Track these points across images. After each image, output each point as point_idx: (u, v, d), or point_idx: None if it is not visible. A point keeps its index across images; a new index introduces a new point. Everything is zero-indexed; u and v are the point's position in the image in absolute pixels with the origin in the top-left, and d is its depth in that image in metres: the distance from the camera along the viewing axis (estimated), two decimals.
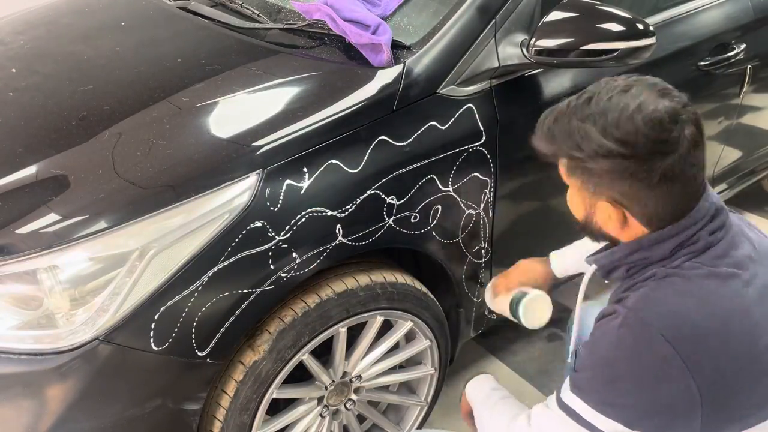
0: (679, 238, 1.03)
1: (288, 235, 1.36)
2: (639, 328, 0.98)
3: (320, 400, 1.64)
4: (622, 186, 1.01)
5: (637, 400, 0.99)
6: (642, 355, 0.98)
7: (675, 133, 0.97)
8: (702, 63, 2.05)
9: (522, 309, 1.52)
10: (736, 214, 1.14)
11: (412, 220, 1.55)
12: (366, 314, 1.57)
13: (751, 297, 1.01)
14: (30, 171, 1.40)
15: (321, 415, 1.66)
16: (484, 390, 1.37)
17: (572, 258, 1.56)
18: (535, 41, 1.54)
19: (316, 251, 1.41)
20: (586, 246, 1.43)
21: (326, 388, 1.62)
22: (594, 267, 1.18)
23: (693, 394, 0.96)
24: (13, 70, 1.81)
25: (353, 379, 1.66)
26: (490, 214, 1.70)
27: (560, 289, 2.17)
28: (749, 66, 2.20)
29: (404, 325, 1.67)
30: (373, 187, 1.46)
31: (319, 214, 1.39)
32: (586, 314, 1.39)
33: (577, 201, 1.13)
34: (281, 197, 1.36)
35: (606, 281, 1.18)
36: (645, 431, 0.99)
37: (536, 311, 1.53)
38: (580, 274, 1.45)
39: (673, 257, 1.04)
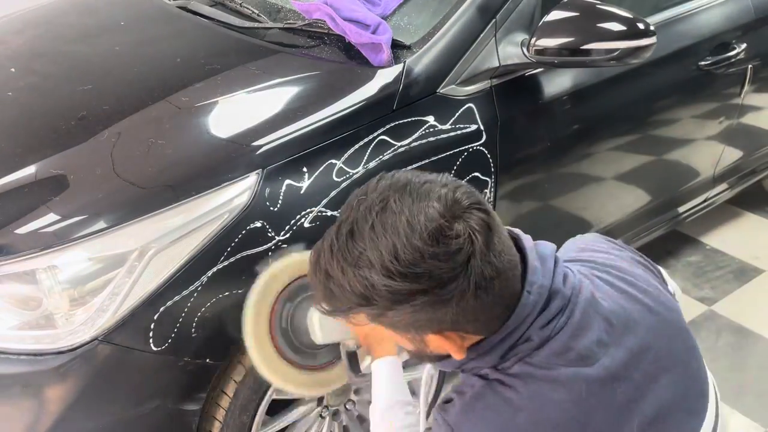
0: (506, 343, 0.87)
1: (288, 235, 1.36)
2: None
3: (320, 400, 1.64)
4: (441, 315, 0.83)
5: None
6: None
7: (461, 232, 0.80)
8: (703, 63, 2.04)
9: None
10: (599, 268, 1.00)
11: None
12: None
13: (595, 400, 0.86)
14: (29, 171, 1.39)
15: (321, 415, 1.66)
16: (387, 400, 1.20)
17: None
18: (536, 41, 1.54)
19: None
20: None
21: None
22: (425, 378, 1.12)
23: None
24: (13, 69, 1.81)
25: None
26: None
27: None
28: (750, 66, 2.20)
29: None
30: None
31: (319, 214, 1.39)
32: None
33: (397, 340, 0.94)
34: (281, 197, 1.36)
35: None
36: None
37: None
38: None
39: (504, 360, 0.89)
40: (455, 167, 1.58)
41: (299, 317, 1.31)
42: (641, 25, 1.53)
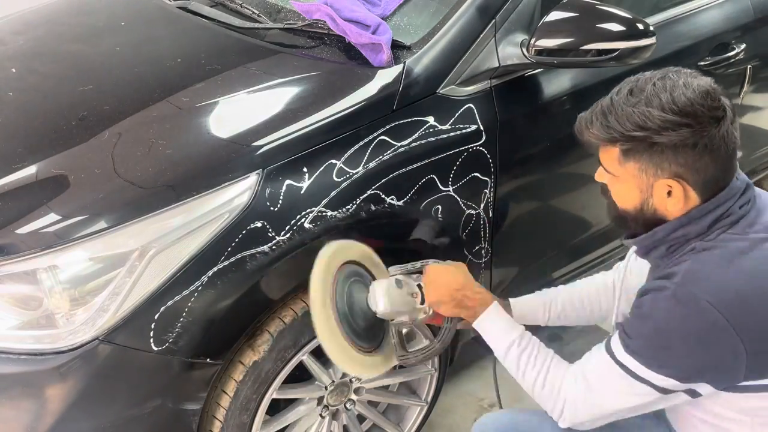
0: (715, 213, 1.11)
1: (288, 235, 1.36)
2: (688, 300, 1.06)
3: (320, 400, 1.64)
4: (686, 156, 1.08)
5: (689, 361, 1.09)
6: (693, 324, 1.06)
7: (722, 101, 1.08)
8: (702, 63, 2.04)
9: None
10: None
11: (413, 220, 1.55)
12: None
13: None
14: (30, 171, 1.40)
15: (321, 415, 1.66)
16: (506, 345, 1.29)
17: (530, 306, 1.49)
18: (535, 41, 1.54)
19: (316, 251, 1.41)
20: (548, 294, 1.48)
21: (326, 388, 1.62)
22: (631, 252, 1.26)
23: (740, 351, 1.05)
24: (13, 70, 1.81)
25: (353, 379, 1.66)
26: (490, 214, 1.70)
27: None
28: (749, 66, 2.20)
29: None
30: (373, 187, 1.46)
31: (319, 214, 1.39)
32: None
33: (628, 189, 1.17)
34: (281, 197, 1.36)
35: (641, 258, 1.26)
36: (693, 381, 1.10)
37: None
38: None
39: (709, 232, 1.12)
40: (455, 167, 1.58)
41: (355, 297, 1.34)
42: (641, 26, 1.53)
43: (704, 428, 1.21)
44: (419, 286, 1.36)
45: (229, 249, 1.31)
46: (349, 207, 1.43)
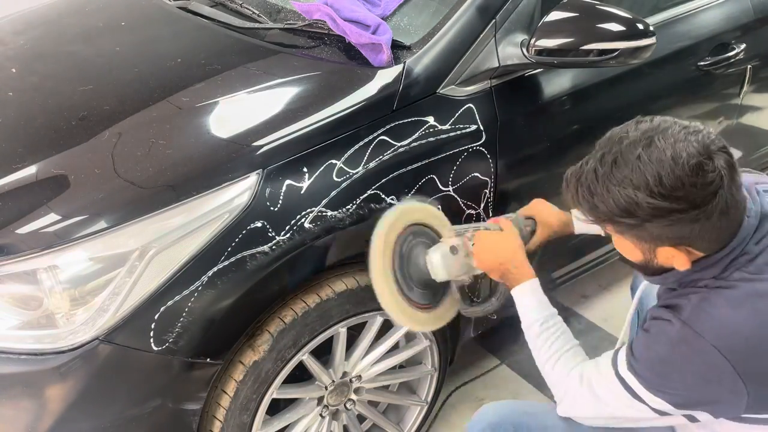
0: (729, 257, 1.08)
1: (288, 235, 1.36)
2: (694, 339, 1.05)
3: (320, 400, 1.64)
4: (683, 230, 1.03)
5: (688, 393, 1.08)
6: (695, 363, 1.05)
7: (715, 170, 1.00)
8: (702, 63, 2.04)
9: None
10: None
11: None
12: (366, 314, 1.57)
13: None
14: (30, 171, 1.40)
15: (321, 415, 1.66)
16: (536, 320, 1.33)
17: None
18: (535, 41, 1.54)
19: (316, 251, 1.41)
20: None
21: (326, 388, 1.62)
22: (641, 289, 1.31)
23: (740, 391, 1.04)
24: (13, 70, 1.81)
25: (353, 379, 1.66)
26: (490, 214, 1.70)
27: (560, 288, 2.17)
28: (749, 66, 2.20)
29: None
30: (374, 187, 1.46)
31: (320, 214, 1.39)
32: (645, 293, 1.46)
33: (630, 248, 1.14)
34: (281, 197, 1.36)
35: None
36: (691, 409, 1.09)
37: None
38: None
39: (724, 272, 1.09)
40: (455, 167, 1.58)
41: (414, 259, 1.39)
42: (641, 26, 1.53)
43: None
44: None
45: (229, 249, 1.31)
46: (349, 207, 1.43)
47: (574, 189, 1.11)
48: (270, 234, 1.35)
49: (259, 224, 1.34)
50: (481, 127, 1.61)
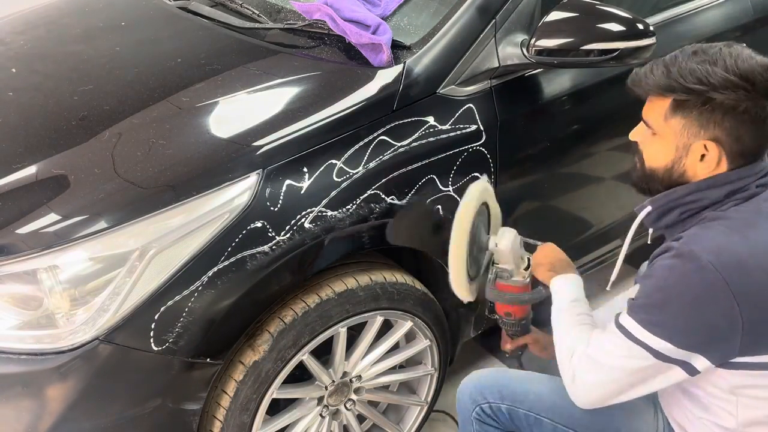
0: (733, 185, 1.16)
1: (288, 235, 1.36)
2: (689, 258, 1.10)
3: (320, 400, 1.64)
4: (732, 121, 1.13)
5: (683, 321, 1.11)
6: (691, 281, 1.09)
7: None
8: None
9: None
10: None
11: (413, 220, 1.55)
12: (366, 314, 1.57)
13: None
14: (30, 171, 1.40)
15: (321, 415, 1.66)
16: (568, 298, 1.38)
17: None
18: (535, 41, 1.54)
19: (316, 251, 1.41)
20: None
21: (326, 388, 1.62)
22: (644, 213, 1.29)
23: (736, 317, 1.07)
24: (13, 70, 1.81)
25: (353, 379, 1.66)
26: None
27: None
28: None
29: (404, 325, 1.67)
30: (374, 187, 1.46)
31: (320, 214, 1.39)
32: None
33: (665, 145, 1.20)
34: (281, 197, 1.36)
35: (652, 230, 1.32)
36: (688, 349, 1.11)
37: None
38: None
39: (722, 202, 1.16)
40: (455, 167, 1.58)
41: (479, 235, 1.50)
42: (641, 26, 1.53)
43: (691, 407, 1.24)
44: (528, 259, 1.53)
45: (229, 249, 1.31)
46: (349, 207, 1.43)
47: (649, 65, 1.20)
48: (270, 234, 1.35)
49: (259, 224, 1.34)
50: (481, 127, 1.61)
